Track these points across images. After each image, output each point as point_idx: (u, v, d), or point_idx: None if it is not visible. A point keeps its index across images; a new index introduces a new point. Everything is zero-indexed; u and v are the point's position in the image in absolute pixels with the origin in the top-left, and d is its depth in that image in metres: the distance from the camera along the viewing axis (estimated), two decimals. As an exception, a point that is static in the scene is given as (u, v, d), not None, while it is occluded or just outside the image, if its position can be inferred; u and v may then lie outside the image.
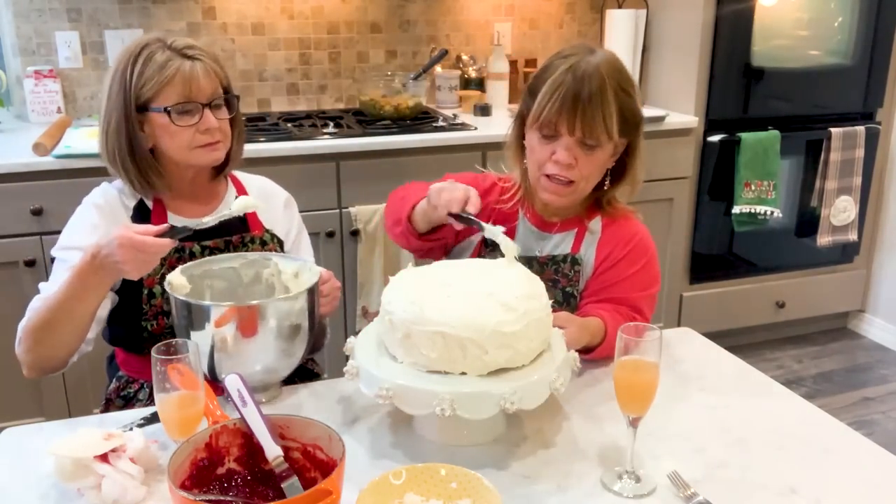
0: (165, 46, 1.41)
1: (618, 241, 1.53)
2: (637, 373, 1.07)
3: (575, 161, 1.41)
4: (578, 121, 1.38)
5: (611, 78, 1.39)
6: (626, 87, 1.42)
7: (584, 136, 1.40)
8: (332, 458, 0.99)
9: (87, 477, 1.05)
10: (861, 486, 1.12)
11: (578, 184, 1.45)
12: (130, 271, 1.25)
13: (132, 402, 1.49)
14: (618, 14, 3.21)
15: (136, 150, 1.43)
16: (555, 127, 1.41)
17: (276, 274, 1.42)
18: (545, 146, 1.43)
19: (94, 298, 1.32)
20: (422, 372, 1.14)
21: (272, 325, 1.25)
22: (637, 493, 1.09)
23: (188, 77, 1.39)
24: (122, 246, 1.22)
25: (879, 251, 3.48)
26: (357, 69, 3.17)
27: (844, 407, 2.96)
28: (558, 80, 1.39)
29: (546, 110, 1.40)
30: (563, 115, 1.39)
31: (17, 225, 2.31)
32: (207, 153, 1.45)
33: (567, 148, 1.41)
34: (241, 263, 1.43)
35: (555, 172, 1.43)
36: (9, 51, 2.84)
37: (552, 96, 1.39)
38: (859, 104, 3.23)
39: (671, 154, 3.00)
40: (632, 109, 1.44)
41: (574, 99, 1.37)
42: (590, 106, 1.37)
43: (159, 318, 1.44)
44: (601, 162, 1.46)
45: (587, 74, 1.38)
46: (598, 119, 1.38)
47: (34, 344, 1.36)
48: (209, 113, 1.43)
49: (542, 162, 1.45)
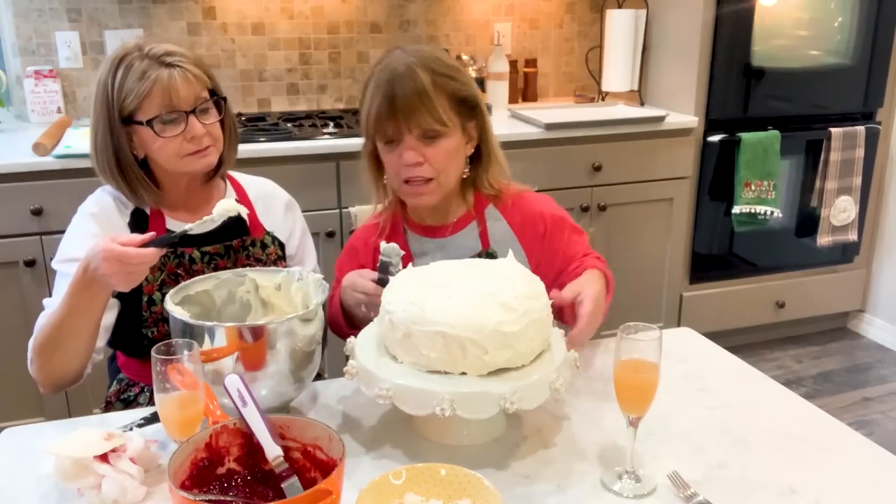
0: (143, 55, 1.37)
1: (526, 221, 1.54)
2: (637, 373, 1.07)
3: (423, 158, 1.41)
4: (402, 117, 1.38)
5: (423, 68, 1.39)
6: (446, 72, 1.42)
7: (421, 130, 1.40)
8: (332, 458, 0.99)
9: (87, 477, 1.05)
10: (861, 486, 1.12)
11: (437, 179, 1.44)
12: (118, 283, 1.22)
13: (132, 405, 1.49)
14: (618, 14, 3.21)
15: (124, 162, 1.41)
16: (391, 131, 1.41)
17: (253, 290, 1.35)
18: (392, 153, 1.43)
19: (91, 312, 1.30)
20: (422, 372, 1.14)
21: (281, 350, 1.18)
22: (637, 493, 1.09)
23: (167, 87, 1.36)
24: (106, 259, 1.19)
25: (879, 251, 3.48)
26: (357, 69, 3.17)
27: (844, 407, 2.96)
28: (375, 85, 1.41)
29: (371, 117, 1.41)
30: (387, 117, 1.39)
31: (17, 225, 2.31)
32: (198, 160, 1.42)
33: (410, 147, 1.41)
34: (214, 284, 1.34)
35: (410, 175, 1.43)
36: (9, 51, 2.84)
37: (372, 103, 1.41)
38: (859, 104, 3.23)
39: (671, 154, 3.00)
40: (461, 91, 1.44)
41: (391, 98, 1.38)
42: (406, 100, 1.37)
43: (160, 324, 1.44)
44: (451, 151, 1.44)
45: (397, 72, 1.39)
46: (420, 110, 1.38)
47: (44, 362, 1.35)
48: (194, 120, 1.40)
49: (396, 170, 1.44)
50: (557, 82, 3.48)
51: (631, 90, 3.29)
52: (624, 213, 2.97)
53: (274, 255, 1.55)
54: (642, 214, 3.02)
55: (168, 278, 1.44)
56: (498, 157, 1.53)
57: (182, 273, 1.45)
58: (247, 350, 1.17)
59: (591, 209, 2.92)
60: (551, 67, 3.45)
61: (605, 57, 3.30)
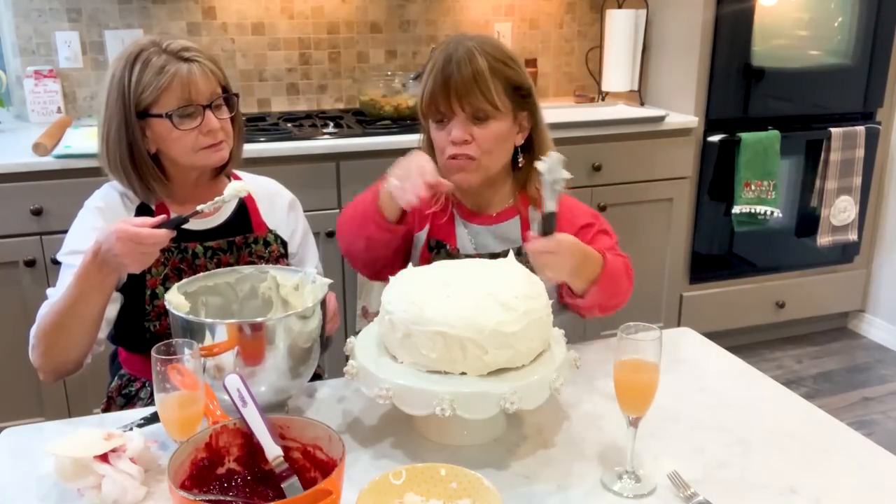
0: (161, 50, 1.40)
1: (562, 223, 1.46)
2: (637, 373, 1.07)
3: (470, 137, 1.45)
4: (454, 96, 1.43)
5: (483, 52, 1.43)
6: (503, 59, 1.46)
7: (473, 111, 1.43)
8: (332, 458, 0.99)
9: (87, 477, 1.05)
10: (861, 486, 1.12)
11: (480, 160, 1.47)
12: (131, 264, 1.26)
13: (133, 400, 1.49)
14: (618, 14, 3.21)
15: (137, 156, 1.43)
16: (444, 110, 1.45)
17: (274, 288, 1.38)
18: (441, 132, 1.47)
19: (99, 297, 1.32)
20: (422, 372, 1.14)
21: (280, 346, 1.20)
22: (637, 493, 1.09)
23: (186, 81, 1.39)
24: (120, 239, 1.22)
25: (879, 251, 3.48)
26: (357, 69, 3.17)
27: (844, 407, 2.96)
28: (437, 67, 1.45)
29: (428, 95, 1.46)
30: (442, 94, 1.44)
31: (17, 225, 2.31)
32: (212, 154, 1.45)
33: (459, 125, 1.45)
34: (237, 278, 1.38)
35: (454, 152, 1.46)
36: (9, 51, 2.84)
37: (434, 83, 1.45)
38: (859, 104, 3.23)
39: (671, 154, 3.00)
40: (517, 79, 1.48)
41: (447, 76, 1.43)
42: (463, 79, 1.42)
43: (162, 318, 1.44)
44: (499, 135, 1.47)
45: (458, 55, 1.43)
46: (473, 90, 1.42)
47: (46, 348, 1.36)
48: (210, 114, 1.43)
49: (443, 147, 1.48)
50: (557, 82, 3.48)
51: (631, 90, 3.29)
52: (624, 213, 2.97)
53: (276, 253, 1.56)
54: (642, 214, 3.02)
55: (171, 273, 1.46)
56: (545, 149, 1.50)
57: (185, 268, 1.46)
58: (246, 345, 1.18)
59: (591, 209, 2.92)
60: (551, 67, 3.45)
61: (605, 57, 3.30)
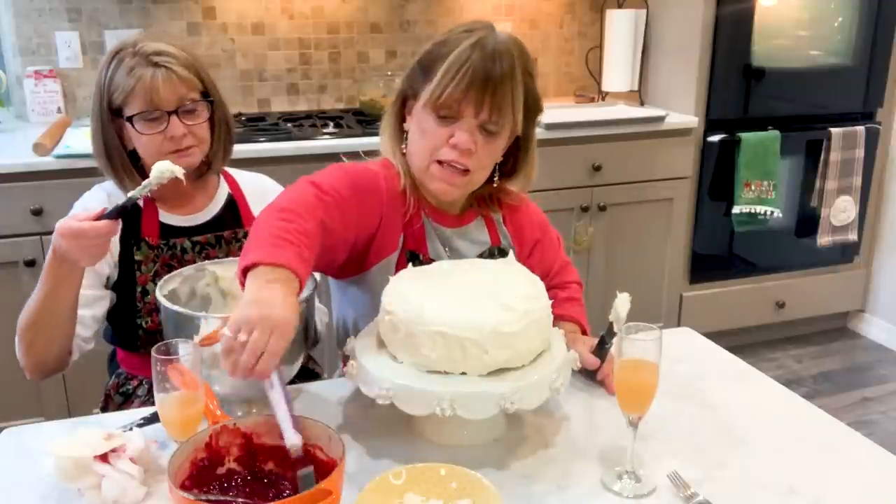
0: (135, 52, 1.41)
1: (524, 227, 1.49)
2: (637, 373, 1.07)
3: (475, 146, 1.27)
4: (487, 102, 1.24)
5: (519, 58, 1.28)
6: (531, 70, 1.31)
7: (489, 120, 1.26)
8: (332, 458, 0.99)
9: (87, 477, 1.05)
10: (861, 486, 1.12)
11: (473, 174, 1.31)
12: (81, 259, 1.26)
13: (131, 398, 1.50)
14: (618, 14, 3.21)
15: (113, 154, 1.46)
16: (458, 108, 1.26)
17: (213, 283, 1.36)
18: (442, 129, 1.27)
19: (67, 293, 1.34)
20: (422, 372, 1.14)
21: None
22: (637, 493, 1.09)
23: (149, 87, 1.39)
24: (63, 236, 1.23)
25: (879, 251, 3.48)
26: (357, 69, 3.17)
27: (844, 407, 2.96)
28: (463, 56, 1.24)
29: (450, 89, 1.24)
30: (470, 95, 1.24)
31: (17, 225, 2.31)
32: (177, 159, 1.42)
33: (469, 131, 1.26)
34: (179, 282, 1.34)
35: (451, 159, 1.28)
36: (9, 51, 2.84)
37: (457, 74, 1.24)
38: (859, 104, 3.23)
39: (671, 154, 3.00)
40: (535, 95, 1.33)
41: (485, 78, 1.23)
42: (501, 86, 1.24)
43: (153, 314, 1.45)
44: (497, 151, 1.33)
45: (498, 52, 1.25)
46: (507, 101, 1.25)
47: (27, 346, 1.39)
48: (175, 120, 1.42)
49: (436, 147, 1.28)
50: (557, 82, 3.48)
51: (631, 90, 3.28)
52: (624, 213, 2.97)
53: None
54: (642, 214, 3.02)
55: (161, 269, 1.47)
56: (531, 171, 1.41)
57: (175, 264, 1.48)
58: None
59: (591, 209, 2.92)
60: (551, 67, 3.45)
61: (605, 57, 3.30)
